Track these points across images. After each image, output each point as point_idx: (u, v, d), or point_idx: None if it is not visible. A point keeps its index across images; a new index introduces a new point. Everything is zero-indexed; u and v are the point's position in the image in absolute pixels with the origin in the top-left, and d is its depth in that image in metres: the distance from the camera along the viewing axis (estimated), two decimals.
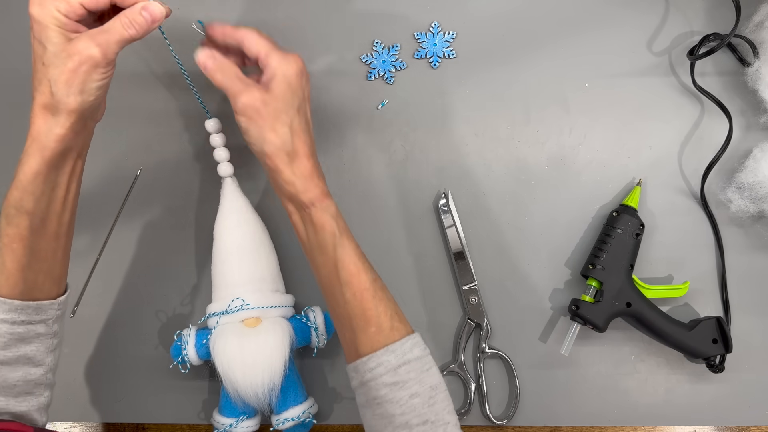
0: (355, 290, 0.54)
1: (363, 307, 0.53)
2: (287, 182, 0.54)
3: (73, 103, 0.49)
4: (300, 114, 0.54)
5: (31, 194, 0.50)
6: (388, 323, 0.53)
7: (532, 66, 0.70)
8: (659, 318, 0.64)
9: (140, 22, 0.50)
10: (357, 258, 0.55)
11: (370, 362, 0.53)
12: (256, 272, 0.63)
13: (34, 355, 0.54)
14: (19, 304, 0.52)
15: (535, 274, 0.69)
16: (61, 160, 0.51)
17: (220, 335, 0.61)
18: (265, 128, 0.52)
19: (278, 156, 0.53)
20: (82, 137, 0.53)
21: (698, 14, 0.70)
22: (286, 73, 0.53)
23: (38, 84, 0.49)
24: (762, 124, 0.68)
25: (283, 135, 0.53)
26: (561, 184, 0.69)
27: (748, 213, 0.67)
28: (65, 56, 0.48)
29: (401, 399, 0.51)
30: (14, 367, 0.53)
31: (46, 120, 0.49)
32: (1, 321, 0.51)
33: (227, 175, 0.65)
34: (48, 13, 0.48)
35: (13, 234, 0.51)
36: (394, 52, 0.70)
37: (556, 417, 0.68)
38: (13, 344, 0.52)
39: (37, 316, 0.53)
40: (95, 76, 0.49)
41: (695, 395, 0.68)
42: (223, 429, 0.63)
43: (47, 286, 0.54)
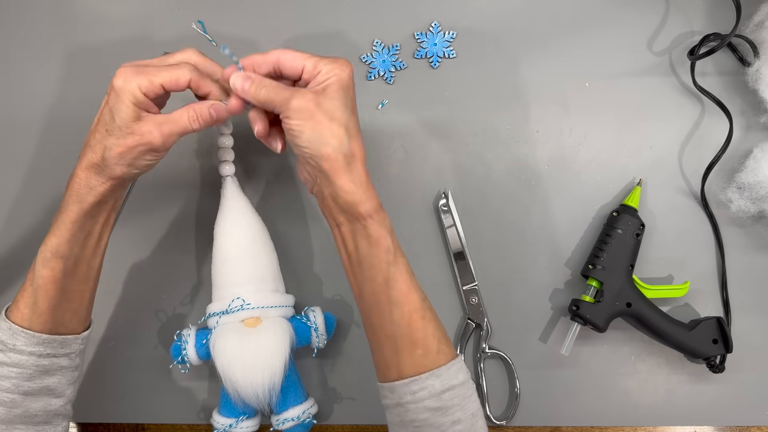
0: (404, 310, 0.51)
1: (411, 328, 0.51)
2: (345, 190, 0.51)
3: (118, 172, 0.52)
4: (354, 116, 0.52)
5: (67, 241, 0.53)
6: (436, 346, 0.52)
7: (532, 66, 0.70)
8: (659, 318, 0.64)
9: (206, 118, 0.53)
10: (409, 277, 0.53)
11: (413, 385, 0.51)
12: (256, 272, 0.63)
13: (56, 386, 0.56)
14: (46, 337, 0.54)
15: (535, 274, 0.69)
16: (97, 210, 0.54)
17: (220, 335, 0.61)
18: (322, 128, 0.50)
19: (336, 159, 0.50)
20: (120, 193, 0.56)
21: (698, 14, 0.70)
22: (341, 76, 0.51)
23: (94, 144, 0.52)
24: (762, 124, 0.68)
25: (340, 136, 0.50)
26: (561, 184, 0.69)
27: (748, 213, 0.67)
28: (128, 132, 0.50)
29: (443, 425, 0.50)
30: (37, 397, 0.55)
31: (89, 177, 0.52)
32: (29, 353, 0.54)
33: (229, 174, 0.65)
34: (129, 88, 0.50)
35: (48, 276, 0.53)
36: (394, 52, 0.70)
37: (556, 417, 0.68)
38: (38, 376, 0.54)
39: (62, 349, 0.56)
40: (148, 157, 0.52)
41: (695, 395, 0.68)
42: (222, 429, 0.63)
43: (74, 324, 0.57)
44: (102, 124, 0.52)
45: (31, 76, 0.72)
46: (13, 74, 0.72)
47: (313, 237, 0.70)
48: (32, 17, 0.73)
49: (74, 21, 0.72)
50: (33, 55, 0.72)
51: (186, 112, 0.52)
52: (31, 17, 0.73)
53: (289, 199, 0.70)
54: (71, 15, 0.73)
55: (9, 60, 0.73)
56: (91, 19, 0.72)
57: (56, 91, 0.72)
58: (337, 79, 0.51)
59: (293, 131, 0.50)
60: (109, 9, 0.73)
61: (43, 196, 0.71)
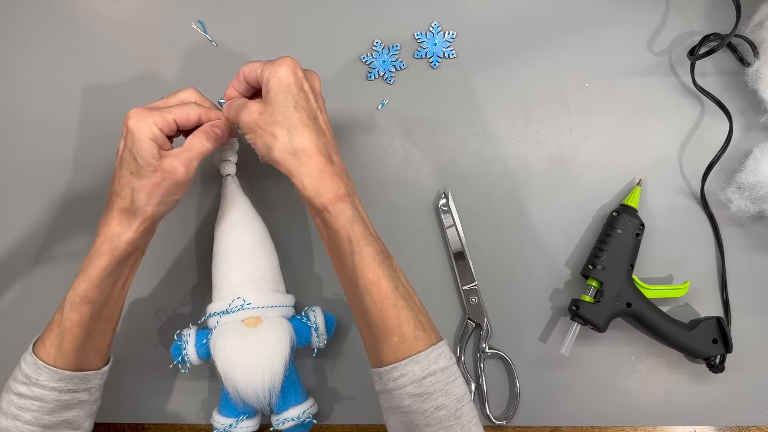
0: (375, 299, 0.52)
1: (383, 316, 0.51)
2: (301, 186, 0.52)
3: (149, 212, 0.53)
4: (299, 110, 0.52)
5: (96, 287, 0.54)
6: (411, 333, 0.51)
7: (532, 66, 0.70)
8: (659, 318, 0.64)
9: (213, 135, 0.55)
10: (377, 265, 0.52)
11: (394, 372, 0.51)
12: (256, 272, 0.63)
13: (75, 419, 0.57)
14: (68, 374, 0.55)
15: (535, 274, 0.69)
16: (127, 258, 0.55)
17: (220, 335, 0.61)
18: (266, 136, 0.52)
19: (285, 159, 0.52)
20: (149, 235, 0.57)
21: (698, 14, 0.70)
22: (277, 76, 0.53)
23: (120, 189, 0.53)
24: (762, 124, 0.68)
25: (281, 137, 0.52)
26: (561, 184, 0.69)
27: (748, 213, 0.67)
28: (152, 170, 0.52)
29: (426, 411, 0.50)
30: (55, 430, 0.56)
31: (121, 222, 0.54)
32: (51, 389, 0.55)
33: (230, 173, 0.65)
34: (145, 126, 0.52)
35: (75, 320, 0.54)
36: (394, 52, 0.70)
37: (556, 417, 0.68)
38: (58, 410, 0.55)
39: (83, 384, 0.57)
40: (175, 190, 0.54)
41: (695, 395, 0.68)
42: (222, 429, 0.63)
43: (96, 361, 0.58)
44: (125, 168, 0.53)
45: (31, 78, 0.72)
46: (13, 75, 0.72)
47: (313, 237, 0.70)
48: (32, 17, 0.73)
49: (75, 21, 0.72)
50: (32, 56, 0.72)
51: (195, 137, 0.55)
52: (31, 17, 0.73)
53: (290, 199, 0.70)
54: (71, 15, 0.73)
55: (8, 60, 0.72)
56: (92, 19, 0.72)
57: (55, 92, 0.72)
58: (276, 81, 0.53)
59: (251, 144, 0.54)
60: (110, 9, 0.73)
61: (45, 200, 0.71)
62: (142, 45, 0.72)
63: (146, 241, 0.58)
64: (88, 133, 0.71)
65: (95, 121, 0.71)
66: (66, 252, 0.71)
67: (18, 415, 0.54)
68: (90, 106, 0.72)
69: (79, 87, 0.72)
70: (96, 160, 0.71)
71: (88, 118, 0.72)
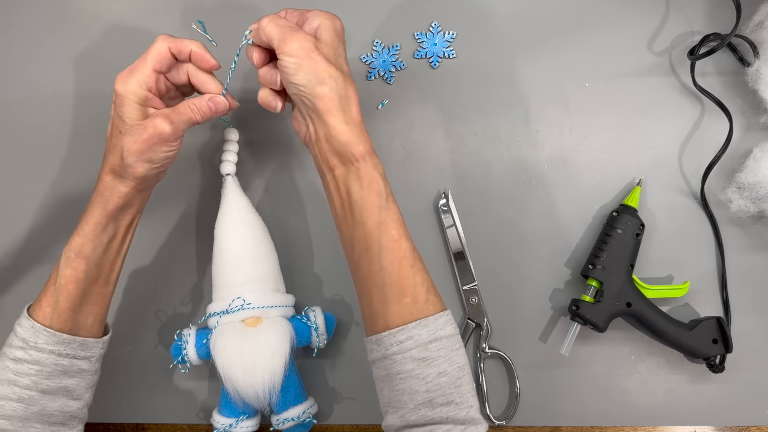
0: (394, 257, 0.51)
1: (401, 275, 0.51)
2: (339, 131, 0.51)
3: (140, 170, 0.54)
4: (347, 64, 0.54)
5: (91, 242, 0.55)
6: (424, 296, 0.51)
7: (532, 66, 0.70)
8: (659, 318, 0.64)
9: (205, 110, 0.56)
10: (400, 223, 0.52)
11: (400, 335, 0.50)
12: (256, 272, 0.63)
13: (74, 388, 0.57)
14: (66, 337, 0.55)
15: (535, 274, 0.69)
16: (120, 213, 0.56)
17: (220, 335, 0.61)
18: (320, 68, 0.51)
19: (332, 98, 0.51)
20: (143, 195, 0.58)
21: (698, 14, 0.70)
22: (335, 26, 0.53)
23: (112, 148, 0.54)
24: (762, 124, 0.68)
25: (336, 76, 0.51)
26: (561, 184, 0.69)
27: (748, 213, 0.67)
28: (141, 129, 0.53)
29: (428, 376, 0.50)
30: (54, 397, 0.55)
31: (113, 180, 0.54)
32: (49, 352, 0.54)
33: (230, 172, 0.65)
34: (129, 88, 0.53)
35: (70, 276, 0.55)
36: (394, 52, 0.70)
37: (556, 417, 0.68)
38: (57, 375, 0.55)
39: (82, 352, 0.57)
40: (164, 148, 0.54)
41: (695, 395, 0.68)
42: (223, 429, 0.63)
43: (95, 327, 0.58)
44: (115, 129, 0.54)
45: (31, 78, 0.72)
46: (14, 73, 0.72)
47: (314, 237, 0.70)
48: (33, 17, 0.73)
49: (75, 20, 0.72)
50: (33, 55, 0.72)
51: (187, 104, 0.56)
52: (32, 17, 0.73)
53: (290, 199, 0.70)
54: (72, 14, 0.73)
55: (10, 60, 0.73)
56: (92, 19, 0.72)
57: (55, 92, 0.72)
58: (331, 25, 0.53)
59: (288, 68, 0.51)
60: (110, 9, 0.73)
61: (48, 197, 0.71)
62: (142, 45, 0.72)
63: (141, 202, 0.58)
64: (88, 133, 0.71)
65: (95, 121, 0.71)
66: None
67: (15, 380, 0.53)
68: (90, 106, 0.72)
69: (79, 87, 0.72)
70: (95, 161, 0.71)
71: (88, 119, 0.72)
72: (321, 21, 0.53)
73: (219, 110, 0.57)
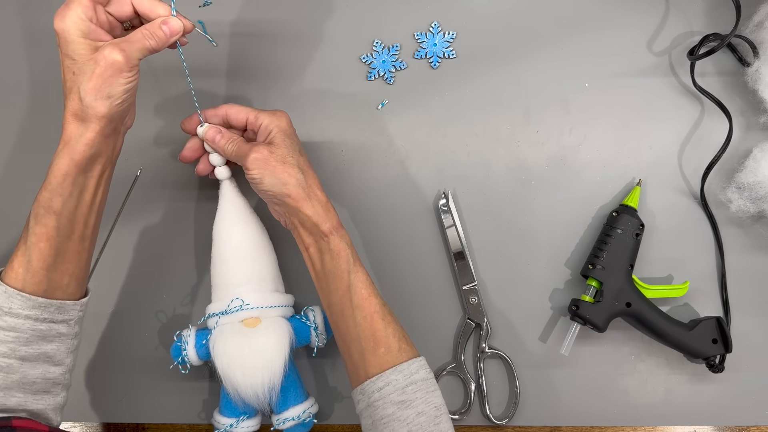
0: (366, 313, 0.57)
1: (373, 328, 0.56)
2: (309, 215, 0.58)
3: (101, 108, 0.51)
4: (302, 155, 0.60)
5: (60, 195, 0.52)
6: (397, 345, 0.56)
7: (532, 66, 0.70)
8: (659, 318, 0.64)
9: (159, 35, 0.54)
10: (368, 283, 0.58)
11: (379, 381, 0.55)
12: (255, 272, 0.63)
13: (55, 354, 0.55)
14: (42, 301, 0.53)
15: (535, 274, 0.69)
16: (90, 163, 0.53)
17: (219, 335, 0.61)
18: (279, 172, 0.57)
19: (298, 194, 0.57)
20: (112, 142, 0.55)
21: (698, 14, 0.70)
22: (280, 125, 0.60)
23: (68, 92, 0.52)
24: (762, 124, 0.68)
25: (295, 174, 0.58)
26: (561, 184, 0.69)
27: (748, 213, 0.67)
28: (92, 63, 0.50)
29: (408, 417, 0.54)
30: (35, 364, 0.54)
31: (77, 127, 0.52)
32: (25, 317, 0.53)
33: (224, 178, 0.65)
34: (70, 22, 0.50)
35: (41, 233, 0.53)
36: (394, 52, 0.70)
37: (556, 417, 0.68)
38: (35, 341, 0.54)
39: (60, 315, 0.55)
40: (120, 80, 0.51)
41: (695, 395, 0.68)
42: (223, 429, 0.63)
43: (71, 288, 0.56)
44: (67, 71, 0.52)
45: (30, 77, 0.72)
46: (13, 74, 0.72)
47: None
48: (32, 18, 0.73)
49: None
50: (32, 56, 0.72)
51: (140, 31, 0.53)
52: (31, 18, 0.73)
53: None
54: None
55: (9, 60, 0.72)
56: None
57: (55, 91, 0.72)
58: (279, 128, 0.59)
59: (255, 179, 0.58)
60: None
61: None
62: None
63: (110, 148, 0.55)
64: None
65: None
66: None
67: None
68: None
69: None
70: None
71: None
72: (268, 123, 0.60)
73: (174, 32, 0.55)
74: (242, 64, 0.72)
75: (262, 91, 0.71)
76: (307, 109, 0.71)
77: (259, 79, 0.71)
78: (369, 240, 0.70)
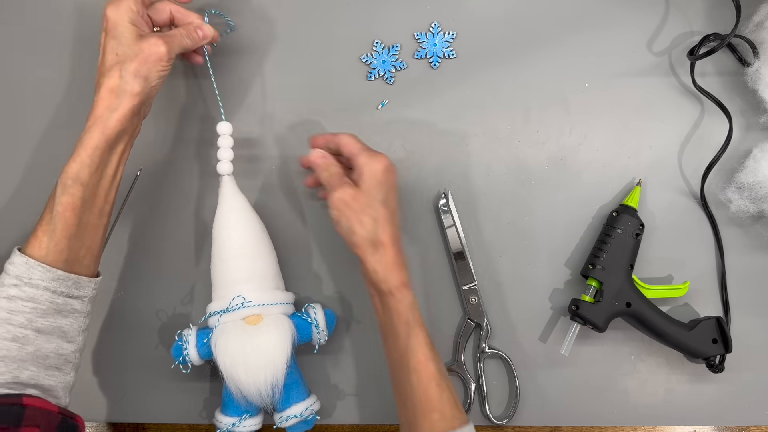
0: (422, 377, 0.56)
1: (428, 394, 0.56)
2: (371, 270, 0.58)
3: (137, 87, 0.56)
4: (385, 206, 0.58)
5: (88, 167, 0.55)
6: (450, 412, 0.56)
7: (532, 66, 0.70)
8: (659, 318, 0.64)
9: (194, 36, 0.62)
10: (427, 348, 0.57)
11: None
12: (255, 270, 0.63)
13: (68, 330, 0.56)
14: (61, 274, 0.55)
15: (535, 274, 0.69)
16: (117, 139, 0.57)
17: (221, 334, 0.61)
18: (353, 220, 0.57)
19: (363, 246, 0.57)
20: (136, 122, 0.60)
21: (698, 14, 0.70)
22: (373, 170, 0.58)
23: (108, 70, 0.57)
24: (762, 124, 0.68)
25: (368, 226, 0.57)
26: (561, 184, 0.69)
27: (748, 213, 0.67)
28: (138, 49, 0.57)
29: None
30: (49, 338, 0.55)
31: (111, 101, 0.56)
32: (44, 288, 0.54)
33: (227, 173, 0.65)
34: (123, 11, 0.58)
35: (67, 203, 0.55)
36: (394, 52, 0.70)
37: (556, 417, 0.68)
38: (51, 314, 0.55)
39: (76, 291, 0.56)
40: (158, 67, 0.58)
41: (695, 395, 0.68)
42: (225, 428, 0.63)
43: (86, 263, 0.58)
44: (110, 52, 0.57)
45: (34, 77, 0.72)
46: (17, 74, 0.72)
47: (312, 234, 0.70)
48: (31, 14, 0.73)
49: (75, 21, 0.72)
50: (34, 56, 0.72)
51: (178, 30, 0.61)
52: (31, 14, 0.73)
53: (288, 197, 0.70)
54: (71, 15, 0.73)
55: (11, 57, 0.73)
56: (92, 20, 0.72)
57: (57, 91, 0.72)
58: (371, 173, 0.58)
59: (333, 219, 0.59)
60: None
61: None
62: None
63: (133, 127, 0.59)
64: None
65: None
66: None
67: (9, 318, 0.53)
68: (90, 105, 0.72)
69: (80, 87, 0.72)
70: None
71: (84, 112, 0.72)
72: (363, 164, 0.59)
73: (206, 35, 0.63)
74: (242, 64, 0.72)
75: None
76: (307, 109, 0.71)
77: (259, 79, 0.71)
78: None
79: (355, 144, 0.61)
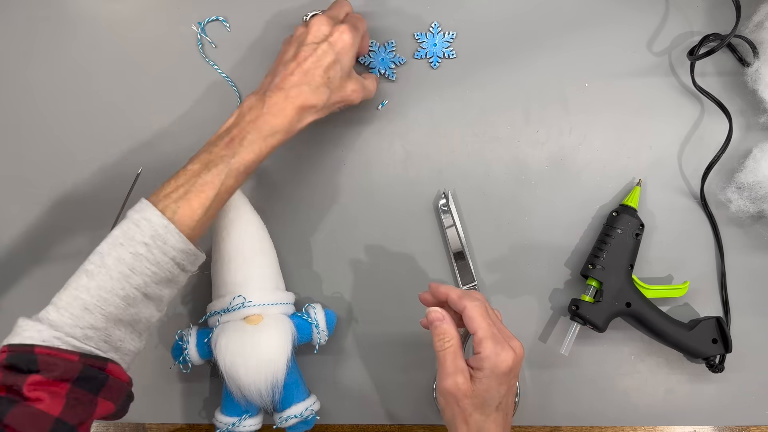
0: None
1: None
2: None
3: (323, 112, 0.60)
4: (498, 411, 0.53)
5: (257, 164, 0.58)
6: None
7: (532, 66, 0.70)
8: (659, 318, 0.64)
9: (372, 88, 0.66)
10: None
11: None
12: (256, 270, 0.63)
13: (166, 300, 0.55)
14: (191, 248, 0.54)
15: (535, 274, 0.69)
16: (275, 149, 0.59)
17: (221, 333, 0.61)
18: (458, 419, 0.53)
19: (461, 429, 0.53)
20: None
21: (698, 14, 0.70)
22: (495, 368, 0.51)
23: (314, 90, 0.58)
24: (762, 124, 0.68)
25: (473, 423, 0.52)
26: (561, 184, 0.69)
27: (747, 213, 0.67)
28: (347, 79, 0.61)
29: None
30: (149, 304, 0.53)
31: (300, 116, 0.58)
32: (171, 257, 0.53)
33: None
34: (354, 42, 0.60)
35: (231, 187, 0.56)
36: (390, 49, 0.70)
37: (556, 417, 0.68)
38: (164, 282, 0.53)
39: (190, 265, 0.55)
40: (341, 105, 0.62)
41: (695, 395, 0.68)
42: (225, 428, 0.63)
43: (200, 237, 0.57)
44: (328, 70, 0.59)
45: (31, 78, 0.72)
46: (13, 75, 0.72)
47: (312, 235, 0.70)
48: (33, 18, 0.73)
49: (75, 22, 0.73)
50: (32, 56, 0.73)
51: (368, 78, 0.65)
52: (32, 18, 0.73)
53: (288, 197, 0.70)
54: (71, 16, 0.73)
55: (8, 61, 0.73)
56: (92, 20, 0.72)
57: (56, 92, 0.72)
58: (492, 369, 0.51)
59: (438, 404, 0.55)
60: (110, 10, 0.73)
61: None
62: (142, 46, 0.72)
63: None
64: (88, 132, 0.72)
65: (95, 120, 0.71)
66: (66, 252, 0.71)
67: (129, 276, 0.50)
68: (90, 105, 0.72)
69: (80, 87, 0.72)
70: (95, 160, 0.71)
71: (88, 118, 0.72)
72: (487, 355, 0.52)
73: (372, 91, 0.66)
74: (242, 64, 0.72)
75: None
76: None
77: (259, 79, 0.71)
78: (369, 240, 0.70)
79: (483, 323, 0.53)
